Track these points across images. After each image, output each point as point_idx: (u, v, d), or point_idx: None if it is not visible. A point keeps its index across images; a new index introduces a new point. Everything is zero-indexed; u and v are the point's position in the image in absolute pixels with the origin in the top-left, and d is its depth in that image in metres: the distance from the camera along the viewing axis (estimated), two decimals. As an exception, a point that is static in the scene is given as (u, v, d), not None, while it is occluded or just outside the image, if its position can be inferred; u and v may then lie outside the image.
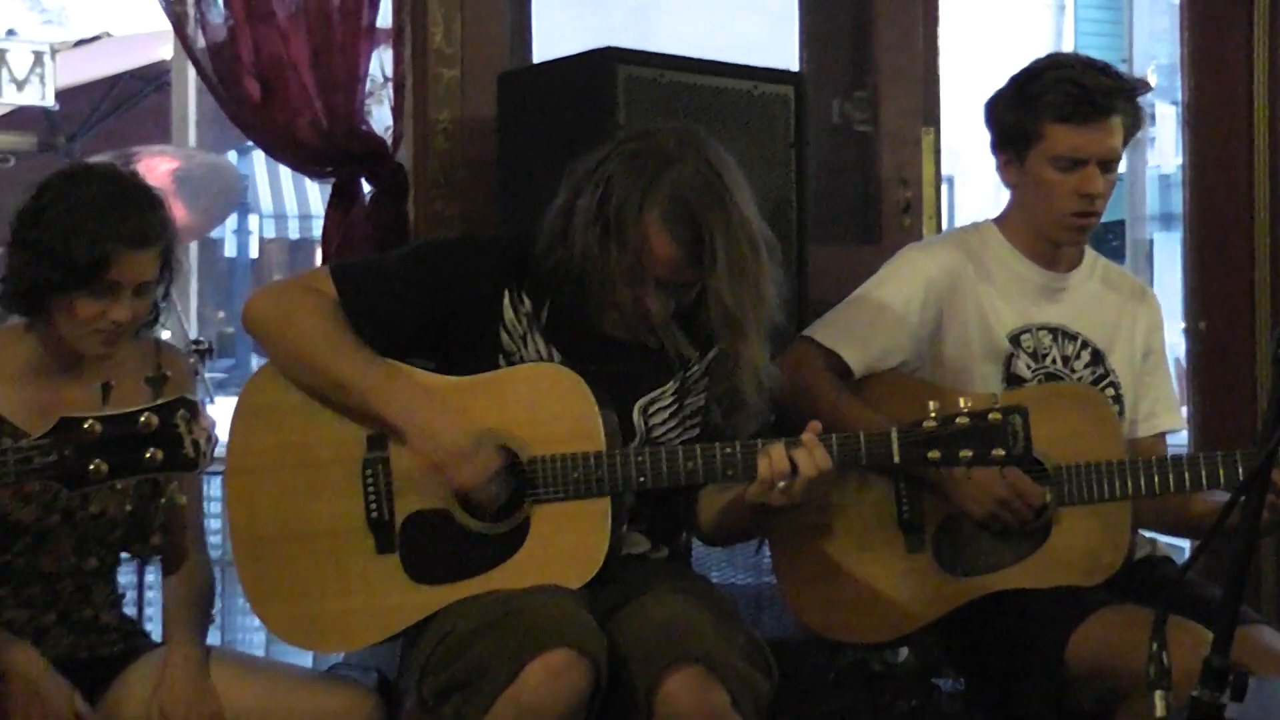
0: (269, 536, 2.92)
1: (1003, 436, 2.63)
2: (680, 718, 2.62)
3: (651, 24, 12.83)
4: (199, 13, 3.80)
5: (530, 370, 2.89)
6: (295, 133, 3.81)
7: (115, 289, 2.79)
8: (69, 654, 2.86)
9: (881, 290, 3.17)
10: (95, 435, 2.18)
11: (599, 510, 2.77)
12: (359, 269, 3.00)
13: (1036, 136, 3.08)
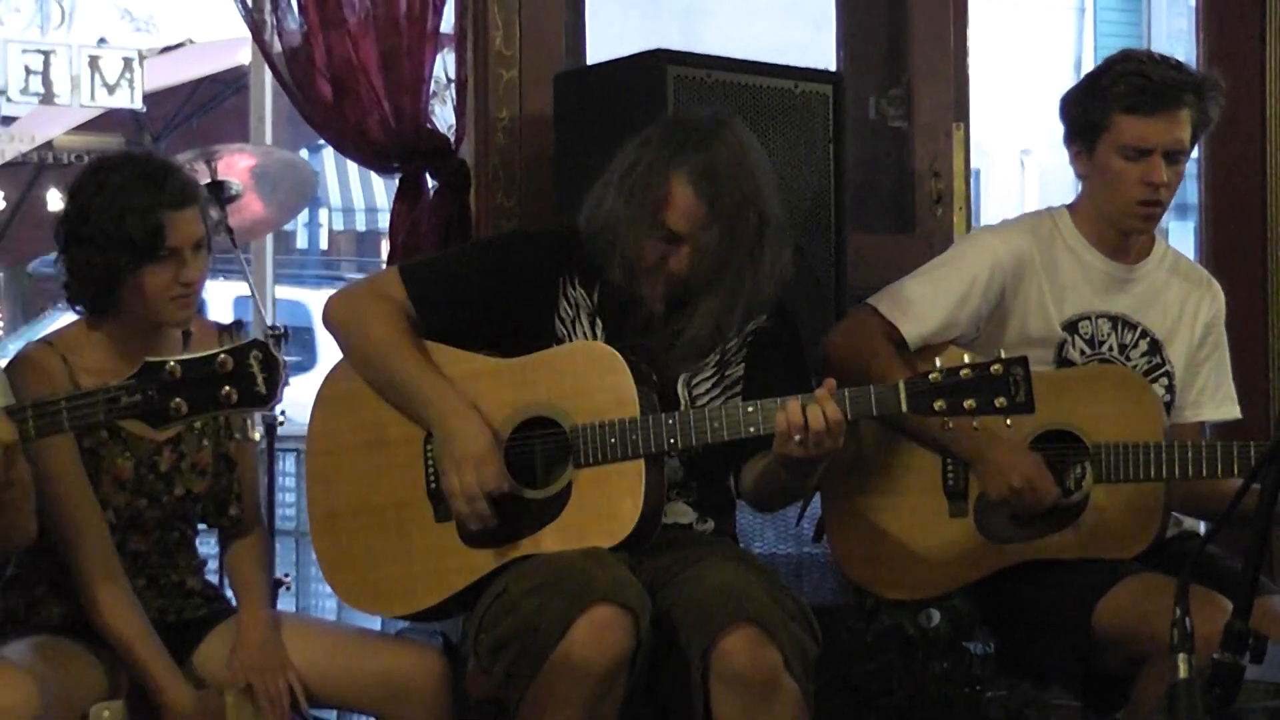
0: (342, 511, 2.97)
1: (1004, 386, 2.61)
2: (736, 674, 2.63)
3: (697, 27, 12.83)
4: (276, 20, 3.82)
5: (572, 348, 2.92)
6: (365, 131, 3.82)
7: (176, 253, 2.81)
8: (159, 617, 2.87)
9: (949, 268, 3.14)
10: (176, 376, 2.20)
11: (634, 471, 2.78)
12: (425, 270, 3.06)
13: (1104, 127, 3.04)
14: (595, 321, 2.95)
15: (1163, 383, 3.16)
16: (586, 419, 2.80)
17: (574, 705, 2.61)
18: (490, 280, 2.97)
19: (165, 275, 2.81)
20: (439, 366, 2.92)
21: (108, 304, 2.86)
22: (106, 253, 2.79)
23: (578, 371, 2.85)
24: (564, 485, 2.82)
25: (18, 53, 7.09)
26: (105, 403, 2.22)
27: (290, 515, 5.06)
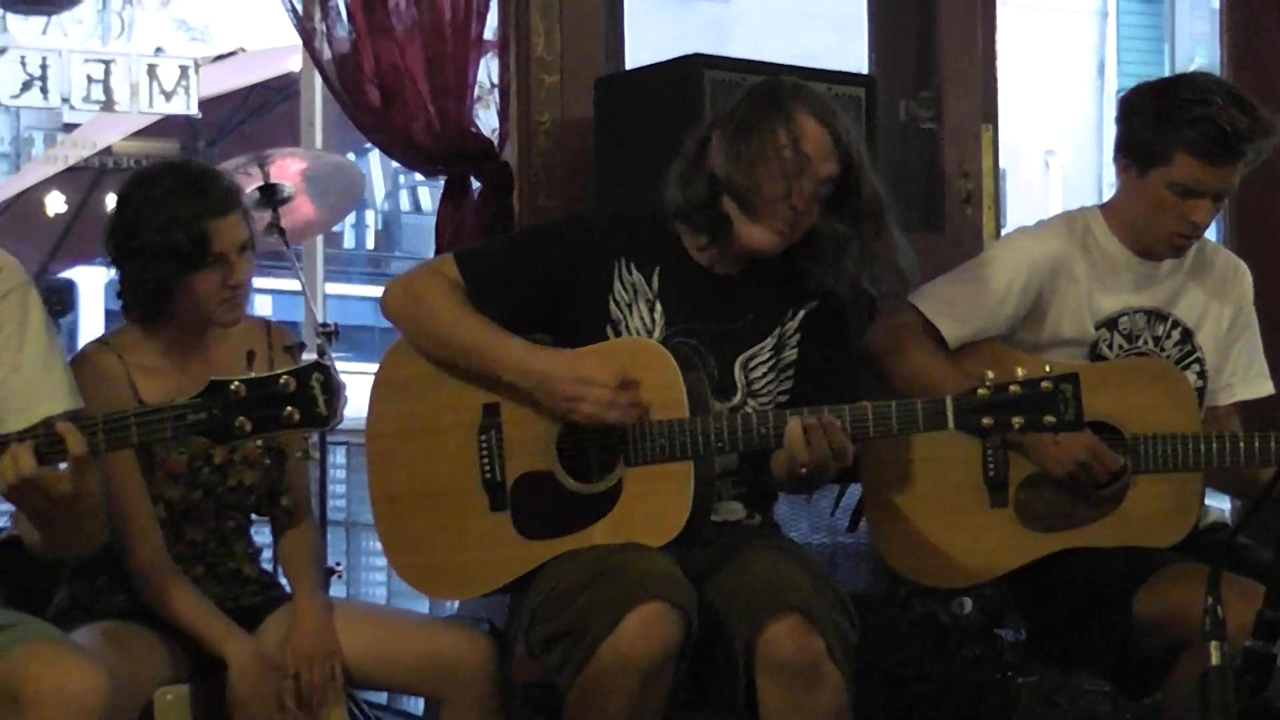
0: (400, 494, 2.96)
1: (1054, 404, 2.56)
2: (780, 662, 2.61)
3: (728, 33, 12.85)
4: (326, 28, 3.82)
5: (622, 344, 2.88)
6: (411, 135, 3.82)
7: (222, 258, 2.82)
8: (217, 603, 2.87)
9: (987, 270, 3.12)
10: (240, 396, 2.20)
11: (683, 472, 2.75)
12: (480, 252, 3.03)
13: (1164, 159, 2.97)
14: (655, 306, 2.91)
15: (1195, 369, 3.14)
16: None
17: (623, 696, 2.59)
18: (544, 263, 2.93)
19: (213, 280, 2.82)
20: None
21: (160, 311, 2.87)
22: (156, 263, 2.80)
23: (628, 370, 2.81)
24: (615, 482, 2.79)
25: (80, 62, 7.15)
26: (173, 420, 2.23)
27: (341, 506, 5.08)
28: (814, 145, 2.81)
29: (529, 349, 2.83)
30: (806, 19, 11.71)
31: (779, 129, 2.80)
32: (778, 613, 2.61)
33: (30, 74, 7.12)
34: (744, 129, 2.82)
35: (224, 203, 2.84)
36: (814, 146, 2.81)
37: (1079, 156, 15.08)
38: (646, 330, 2.90)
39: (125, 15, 4.62)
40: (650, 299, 2.91)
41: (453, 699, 2.80)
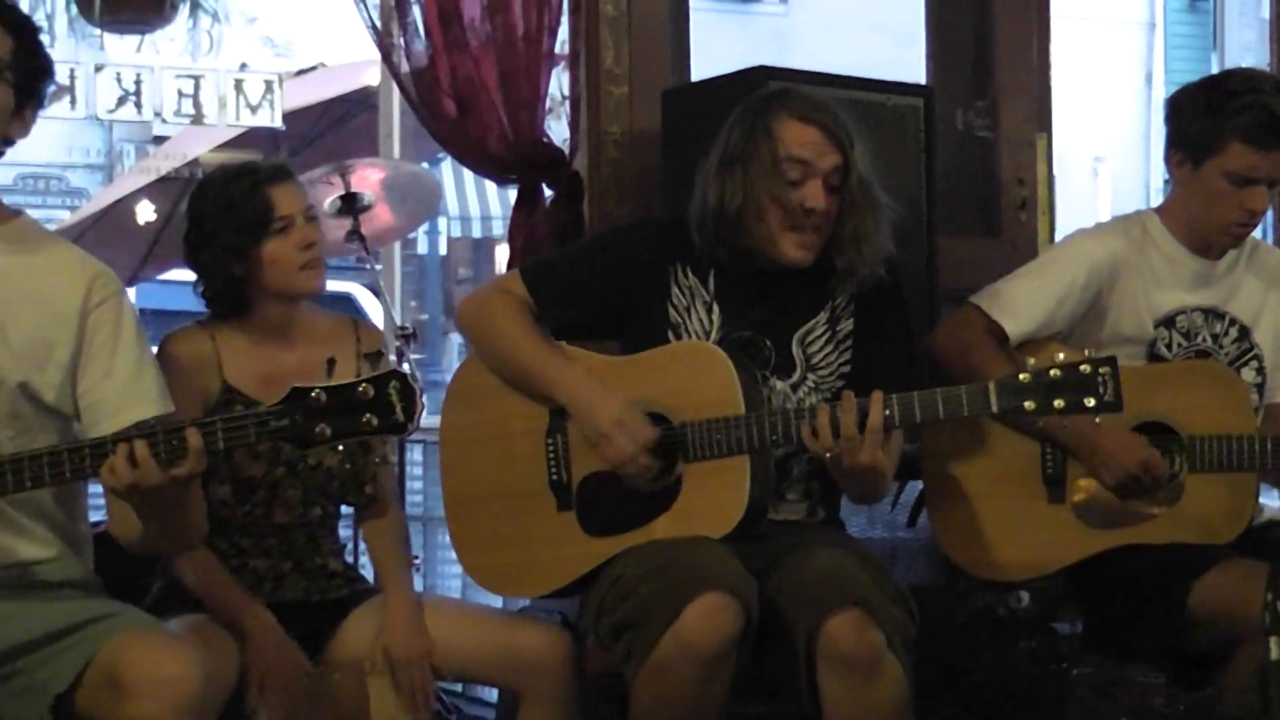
0: (471, 497, 2.98)
1: (1093, 385, 2.53)
2: (841, 655, 2.60)
3: (788, 45, 12.81)
4: (404, 43, 3.85)
5: (679, 347, 2.89)
6: (486, 146, 3.84)
7: (290, 221, 2.85)
8: (304, 597, 2.90)
9: (1048, 270, 3.10)
10: (321, 403, 2.21)
11: (739, 466, 2.75)
12: (544, 268, 3.05)
13: (1218, 149, 2.95)
14: (712, 308, 2.91)
15: (1253, 366, 3.11)
16: (694, 415, 2.78)
17: (686, 684, 2.59)
18: (604, 272, 2.95)
19: (287, 245, 2.85)
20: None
21: (243, 299, 2.90)
22: (228, 239, 2.83)
23: (684, 370, 2.83)
24: (675, 478, 2.80)
25: (171, 78, 7.22)
26: (256, 426, 2.24)
27: (418, 502, 5.10)
28: (808, 147, 2.81)
29: (582, 379, 2.86)
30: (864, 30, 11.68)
31: (764, 150, 2.81)
32: (838, 607, 2.60)
33: (125, 89, 7.21)
34: (734, 160, 2.84)
35: (278, 172, 2.90)
36: (808, 148, 2.81)
37: (1127, 163, 14.97)
38: (705, 331, 2.90)
39: (214, 33, 4.66)
40: (707, 300, 2.92)
41: (531, 691, 2.81)
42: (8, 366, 2.46)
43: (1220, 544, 2.91)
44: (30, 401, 2.48)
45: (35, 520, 2.51)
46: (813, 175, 2.81)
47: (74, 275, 2.53)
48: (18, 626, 2.37)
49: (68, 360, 2.49)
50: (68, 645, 2.34)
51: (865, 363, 2.91)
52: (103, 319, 2.51)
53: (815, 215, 2.81)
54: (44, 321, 2.49)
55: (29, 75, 2.46)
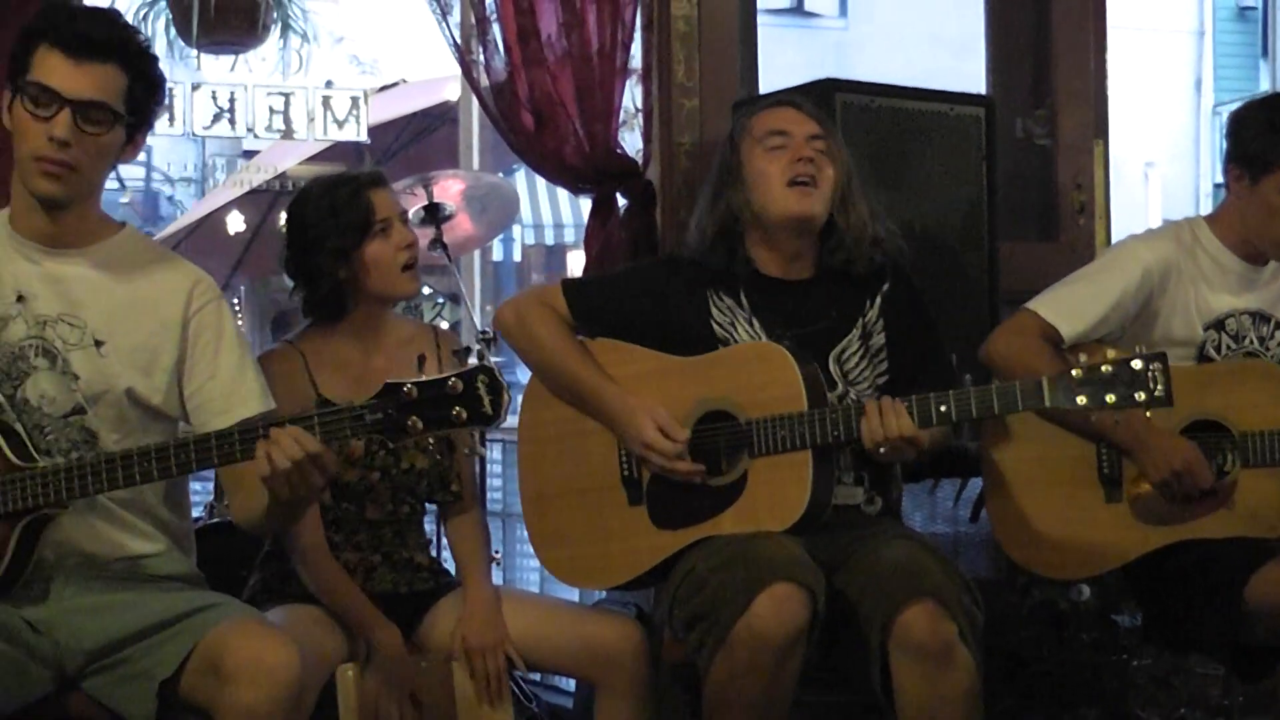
0: (548, 494, 2.98)
1: (1144, 381, 2.48)
2: (916, 645, 2.58)
3: (850, 57, 12.74)
4: (484, 59, 3.84)
5: (746, 349, 2.87)
6: (563, 157, 3.83)
7: (389, 224, 2.88)
8: (392, 589, 2.90)
9: (1103, 274, 3.06)
10: (413, 397, 2.20)
11: (803, 460, 2.73)
12: (585, 286, 3.08)
13: (1277, 167, 2.93)
14: (752, 321, 2.91)
15: None
16: (760, 413, 2.76)
17: (757, 672, 2.58)
18: (643, 297, 2.96)
19: (389, 246, 2.87)
20: (619, 362, 2.91)
21: (342, 304, 2.91)
22: (334, 242, 2.85)
23: (751, 369, 2.81)
24: (741, 473, 2.79)
25: (263, 95, 7.29)
26: (351, 420, 2.24)
27: (497, 499, 5.10)
28: (784, 120, 2.90)
29: (614, 392, 2.87)
30: (923, 42, 11.58)
31: (745, 145, 2.92)
32: (913, 598, 2.58)
33: (219, 106, 7.29)
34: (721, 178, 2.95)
35: (375, 178, 2.94)
36: (784, 121, 2.90)
37: (1177, 168, 14.80)
38: (752, 339, 2.90)
39: (303, 52, 4.69)
40: (746, 315, 2.92)
41: (608, 683, 2.80)
42: (116, 373, 2.49)
43: (1275, 538, 2.86)
44: (136, 406, 2.51)
45: (143, 517, 2.53)
46: (795, 140, 2.87)
47: (176, 283, 2.55)
48: (127, 617, 2.40)
49: (173, 364, 2.52)
50: (173, 634, 2.36)
51: (900, 370, 2.92)
52: (204, 323, 2.54)
53: (808, 165, 2.85)
54: (150, 329, 2.52)
55: (142, 107, 2.47)
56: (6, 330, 2.47)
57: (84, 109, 2.38)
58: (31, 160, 2.40)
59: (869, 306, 2.94)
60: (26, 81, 2.39)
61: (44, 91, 2.37)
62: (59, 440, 2.47)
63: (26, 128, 2.39)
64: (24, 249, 2.50)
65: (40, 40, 2.40)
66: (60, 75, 2.37)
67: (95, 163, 2.43)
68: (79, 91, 2.37)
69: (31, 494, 2.36)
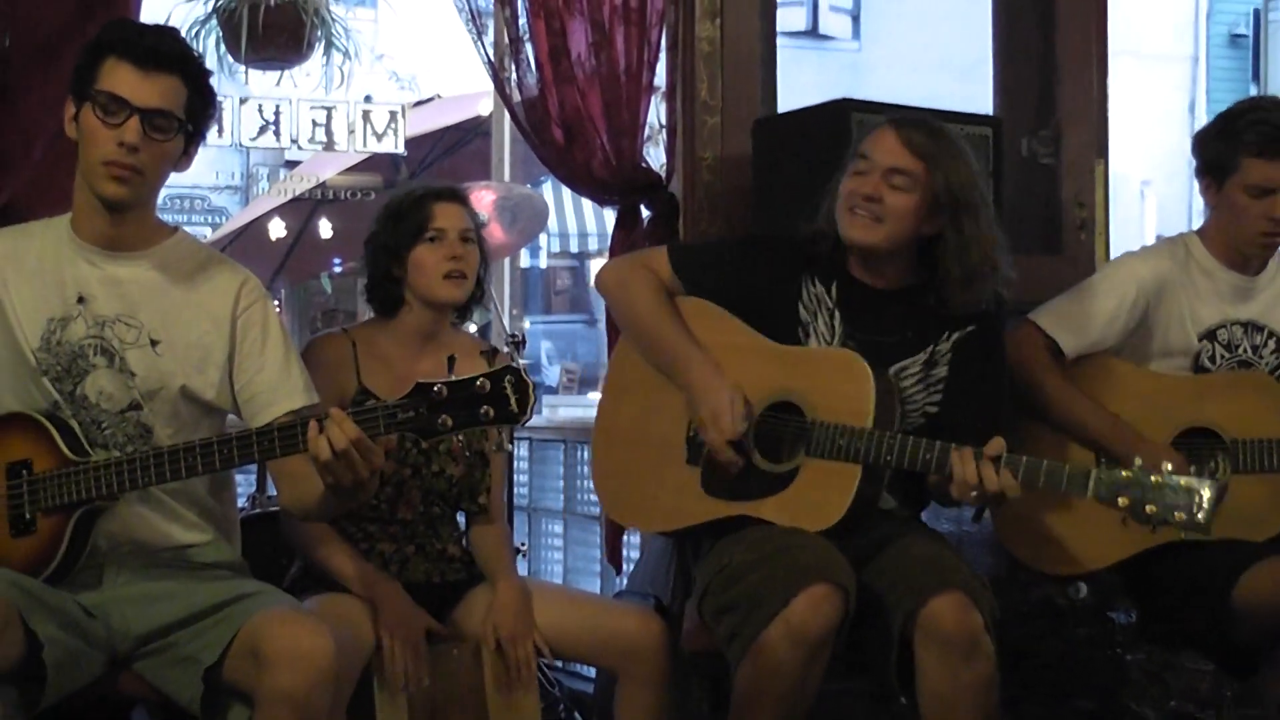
0: (618, 430, 2.99)
1: (1188, 504, 2.40)
2: (943, 634, 2.56)
3: (863, 78, 12.72)
4: (517, 77, 3.83)
5: (833, 353, 2.82)
6: (591, 170, 3.82)
7: (443, 235, 2.90)
8: (425, 579, 2.90)
9: (1100, 289, 3.05)
10: (443, 396, 2.20)
11: (852, 474, 2.69)
12: (690, 250, 3.07)
13: (1234, 168, 2.95)
14: (834, 315, 2.86)
15: None
16: (827, 416, 2.73)
17: (790, 665, 2.55)
18: (745, 269, 2.92)
19: (435, 253, 2.89)
20: (716, 329, 2.89)
21: (397, 298, 2.93)
22: (387, 239, 2.92)
23: (831, 374, 2.77)
24: (793, 466, 2.76)
25: (307, 109, 7.32)
26: (384, 417, 2.24)
27: (524, 494, 5.09)
28: (877, 145, 2.80)
29: (702, 365, 2.82)
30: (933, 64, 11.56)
31: (853, 151, 2.84)
32: (942, 589, 2.56)
33: (265, 119, 7.32)
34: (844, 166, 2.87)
35: (447, 192, 2.98)
36: (877, 146, 2.80)
37: (1171, 186, 14.76)
38: (830, 331, 2.86)
39: (345, 69, 4.71)
40: (831, 308, 2.87)
41: (629, 672, 2.79)
42: (171, 370, 2.49)
43: (1263, 540, 2.84)
44: (189, 401, 2.52)
45: (190, 508, 2.54)
46: (874, 169, 2.78)
47: (225, 284, 2.56)
48: (174, 604, 2.41)
49: (224, 361, 2.52)
50: (217, 621, 2.37)
51: (952, 412, 2.83)
52: (251, 321, 2.54)
53: (868, 203, 2.77)
54: (202, 327, 2.52)
55: (198, 119, 2.49)
56: (67, 330, 2.48)
57: (151, 116, 2.40)
58: (101, 165, 2.41)
59: (944, 339, 2.85)
60: (97, 91, 2.40)
61: (114, 100, 2.39)
62: (115, 435, 2.48)
63: (97, 134, 2.41)
64: (85, 253, 2.51)
65: (108, 53, 2.42)
66: (130, 85, 2.39)
67: (158, 168, 2.45)
68: (147, 100, 2.39)
69: (85, 487, 2.38)
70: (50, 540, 2.40)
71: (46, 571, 2.39)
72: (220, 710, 2.34)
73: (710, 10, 3.84)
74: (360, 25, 5.77)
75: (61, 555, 2.40)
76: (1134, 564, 2.96)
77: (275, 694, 2.24)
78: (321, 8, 4.86)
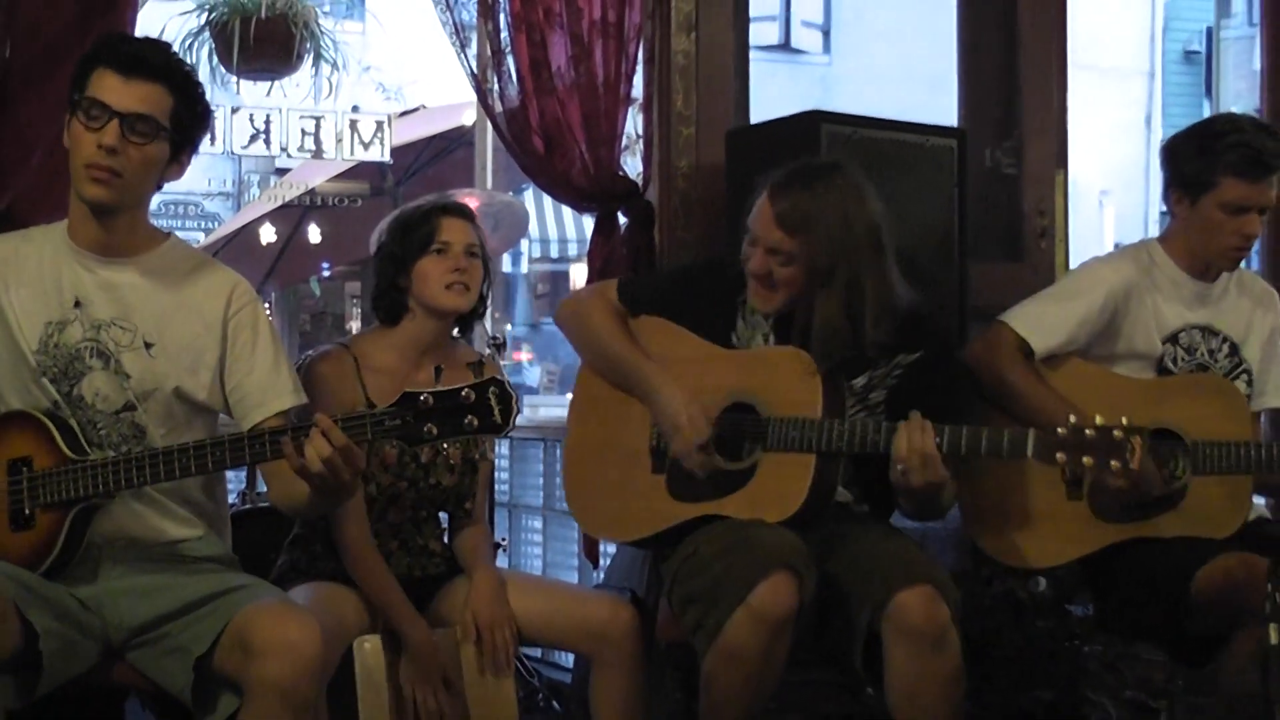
0: (586, 447, 3.01)
1: (1120, 451, 2.46)
2: (911, 627, 2.57)
3: (833, 91, 12.74)
4: (499, 88, 3.84)
5: (780, 351, 2.85)
6: (570, 178, 3.82)
7: (448, 248, 2.89)
8: (407, 572, 2.90)
9: (1071, 294, 3.06)
10: (429, 405, 2.19)
11: (807, 463, 2.72)
12: (638, 282, 3.12)
13: (1212, 185, 2.95)
14: (769, 338, 2.90)
15: (1244, 379, 3.07)
16: (780, 411, 2.75)
17: (752, 650, 2.57)
18: (684, 298, 2.97)
19: (441, 265, 2.89)
20: (669, 343, 2.91)
21: (400, 308, 2.93)
22: (394, 249, 2.91)
23: (781, 371, 2.79)
24: (753, 462, 2.78)
25: (296, 119, 7.31)
26: (372, 424, 2.23)
27: (505, 490, 5.09)
28: (757, 220, 2.81)
29: (659, 379, 2.86)
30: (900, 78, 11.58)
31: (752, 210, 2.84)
32: (910, 583, 2.57)
33: (256, 128, 7.31)
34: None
35: (454, 208, 2.97)
36: (757, 221, 2.81)
37: (1129, 196, 14.83)
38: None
39: (333, 80, 4.71)
40: (766, 331, 2.90)
41: (601, 656, 2.79)
42: (165, 372, 2.49)
43: (1219, 538, 2.86)
44: (182, 402, 2.51)
45: (183, 505, 2.54)
46: (757, 244, 2.81)
47: (216, 287, 2.55)
48: (167, 597, 2.41)
49: (216, 362, 2.52)
50: (207, 613, 2.36)
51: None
52: (242, 324, 2.54)
53: (759, 277, 2.80)
54: (195, 330, 2.52)
55: (186, 128, 2.48)
56: (65, 333, 2.47)
57: (130, 120, 2.39)
58: (83, 167, 2.41)
59: (881, 364, 2.85)
60: (82, 98, 2.41)
61: (95, 104, 2.39)
62: (110, 434, 2.47)
63: (80, 138, 2.41)
64: (81, 258, 2.50)
65: (96, 64, 2.42)
66: (111, 90, 2.39)
67: (140, 172, 2.44)
68: (127, 105, 2.39)
69: (82, 485, 2.37)
70: (48, 535, 2.40)
71: (44, 565, 2.39)
72: (210, 699, 2.34)
73: (686, 25, 3.86)
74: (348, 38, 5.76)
75: (59, 550, 2.39)
76: (1094, 558, 2.97)
77: (263, 683, 2.24)
78: (311, 21, 4.86)
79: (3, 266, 2.51)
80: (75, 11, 3.37)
